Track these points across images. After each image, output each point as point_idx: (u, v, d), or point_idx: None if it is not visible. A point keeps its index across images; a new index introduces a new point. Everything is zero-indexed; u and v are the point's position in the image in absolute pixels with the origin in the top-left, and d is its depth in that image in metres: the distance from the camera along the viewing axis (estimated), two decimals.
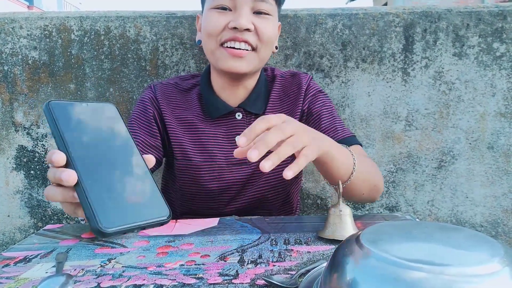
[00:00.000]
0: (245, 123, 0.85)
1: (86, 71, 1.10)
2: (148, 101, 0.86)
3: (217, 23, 0.76)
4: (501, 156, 1.12)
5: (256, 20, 0.77)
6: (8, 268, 0.55)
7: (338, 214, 0.62)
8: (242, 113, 0.85)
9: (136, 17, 1.08)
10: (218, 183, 0.84)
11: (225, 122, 0.85)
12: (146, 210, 0.43)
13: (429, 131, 1.12)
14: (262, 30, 0.77)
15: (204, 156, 0.84)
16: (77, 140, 0.43)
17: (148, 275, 0.51)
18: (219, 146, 0.85)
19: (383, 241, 0.39)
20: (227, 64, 0.77)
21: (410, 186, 1.15)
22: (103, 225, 0.39)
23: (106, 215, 0.40)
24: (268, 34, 0.78)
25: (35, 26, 1.08)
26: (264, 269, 0.52)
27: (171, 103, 0.87)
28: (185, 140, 0.85)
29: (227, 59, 0.77)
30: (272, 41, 0.80)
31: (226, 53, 0.76)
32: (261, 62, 0.81)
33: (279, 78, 0.90)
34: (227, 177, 0.85)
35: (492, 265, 0.33)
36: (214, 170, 0.84)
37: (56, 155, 0.41)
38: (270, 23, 0.78)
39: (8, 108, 1.12)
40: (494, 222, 1.15)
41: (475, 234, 0.40)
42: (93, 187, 0.41)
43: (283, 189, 0.89)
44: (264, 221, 0.72)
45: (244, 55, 0.76)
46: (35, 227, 1.17)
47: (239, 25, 0.74)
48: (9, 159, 1.14)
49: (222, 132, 0.85)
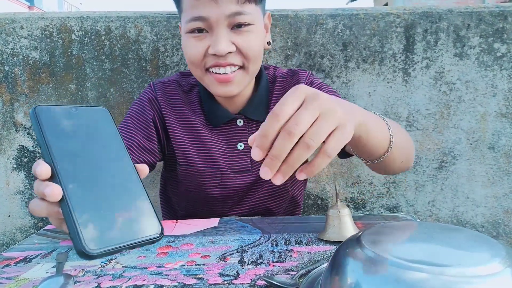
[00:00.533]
0: (246, 130, 0.83)
1: (87, 71, 1.10)
2: (147, 102, 0.82)
3: (196, 52, 0.71)
4: (502, 157, 1.12)
5: (236, 38, 0.71)
6: (8, 268, 0.55)
7: (337, 215, 0.61)
8: (243, 120, 0.82)
9: (137, 18, 1.08)
10: (221, 189, 0.83)
11: (226, 129, 0.83)
12: (136, 228, 0.40)
13: (430, 131, 1.12)
14: (246, 48, 0.71)
15: (207, 162, 0.82)
16: (64, 151, 0.40)
17: (148, 276, 0.51)
18: (221, 153, 0.83)
19: (383, 242, 0.39)
20: (218, 90, 0.74)
21: (411, 187, 1.15)
22: (89, 246, 0.36)
23: (92, 236, 0.36)
24: (253, 50, 0.72)
25: (36, 26, 1.08)
26: (264, 270, 0.52)
27: (173, 104, 0.83)
28: (188, 146, 0.82)
29: (216, 85, 0.73)
30: (258, 54, 0.75)
31: (213, 79, 0.73)
32: (252, 75, 0.77)
33: (280, 80, 0.86)
34: (230, 184, 0.83)
35: (493, 266, 0.33)
36: (217, 177, 0.82)
37: (40, 167, 0.38)
38: (253, 35, 0.72)
39: (9, 108, 1.12)
40: (495, 223, 1.15)
41: (476, 234, 0.40)
42: (79, 204, 0.38)
43: (287, 194, 0.88)
44: (264, 222, 0.72)
45: (232, 78, 0.72)
46: (35, 227, 1.17)
47: (218, 52, 0.69)
48: (10, 159, 1.14)
49: (224, 139, 0.83)
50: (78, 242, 0.35)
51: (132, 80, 1.10)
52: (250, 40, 0.72)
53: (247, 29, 0.71)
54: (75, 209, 0.37)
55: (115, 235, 0.38)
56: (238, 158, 0.83)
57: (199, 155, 0.82)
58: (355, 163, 1.15)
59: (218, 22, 0.69)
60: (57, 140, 0.40)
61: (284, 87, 0.86)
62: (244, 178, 0.83)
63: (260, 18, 0.75)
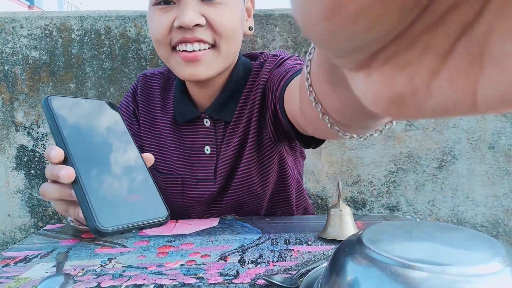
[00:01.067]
0: (213, 131, 0.72)
1: (87, 70, 1.10)
2: (131, 95, 0.79)
3: (161, 25, 0.62)
4: (502, 156, 1.12)
5: (207, 10, 0.61)
6: (8, 268, 0.55)
7: (338, 214, 0.62)
8: (209, 119, 0.72)
9: (137, 17, 1.08)
10: (183, 198, 0.76)
11: (194, 128, 0.73)
12: (144, 210, 0.42)
13: (430, 131, 1.12)
14: (217, 22, 0.61)
15: (168, 168, 0.75)
16: (75, 137, 0.42)
17: (148, 275, 0.51)
18: (184, 158, 0.74)
19: (384, 241, 0.39)
20: (184, 72, 0.64)
21: (411, 186, 1.15)
22: (102, 224, 0.38)
23: (104, 214, 0.38)
24: (226, 25, 0.62)
25: (36, 25, 1.08)
26: (264, 269, 0.52)
27: (148, 100, 0.77)
28: (153, 148, 0.76)
29: (182, 66, 0.63)
30: (234, 33, 0.64)
31: (179, 58, 0.63)
32: (226, 59, 0.65)
33: (254, 71, 0.72)
34: (191, 194, 0.75)
35: (493, 265, 0.33)
36: (178, 184, 0.75)
37: (54, 150, 0.39)
38: (227, 9, 0.62)
39: (9, 107, 1.12)
40: (495, 222, 1.15)
41: (476, 233, 0.40)
42: (91, 185, 0.40)
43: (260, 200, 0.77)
44: (264, 221, 0.72)
45: (200, 56, 0.62)
46: (35, 227, 1.17)
47: (183, 23, 0.59)
48: (10, 159, 1.14)
49: (190, 141, 0.74)
50: (92, 220, 0.38)
51: (131, 79, 1.10)
52: (222, 13, 0.62)
53: (220, 3, 0.62)
54: (88, 190, 0.39)
55: (125, 215, 0.40)
56: (203, 164, 0.73)
57: (162, 159, 0.76)
58: (355, 162, 1.15)
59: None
60: (69, 127, 0.42)
61: (254, 80, 0.71)
62: (207, 188, 0.74)
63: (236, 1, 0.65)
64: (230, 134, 0.71)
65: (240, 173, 0.72)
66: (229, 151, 0.71)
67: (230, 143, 0.71)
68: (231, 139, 0.71)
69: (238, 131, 0.71)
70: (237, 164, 0.72)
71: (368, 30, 0.12)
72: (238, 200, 0.75)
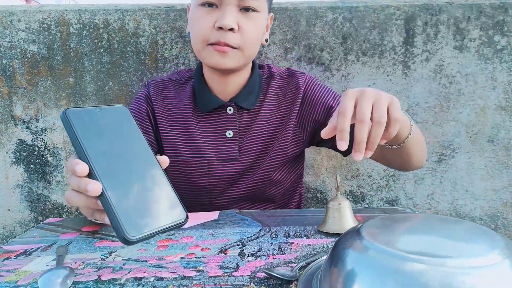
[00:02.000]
0: (236, 118, 0.84)
1: (85, 64, 1.10)
2: (142, 98, 0.88)
3: (204, 24, 0.76)
4: (501, 150, 1.12)
5: (242, 19, 0.76)
6: (8, 261, 0.55)
7: (337, 208, 0.62)
8: (233, 107, 0.84)
9: (135, 10, 1.08)
10: (208, 178, 0.84)
11: (216, 116, 0.85)
12: (165, 215, 0.44)
13: (429, 124, 1.12)
14: (247, 31, 0.76)
15: (193, 152, 0.84)
16: (96, 148, 0.44)
17: (148, 268, 0.52)
18: (209, 141, 0.85)
19: (383, 234, 0.39)
20: (212, 60, 0.77)
21: (410, 180, 1.15)
22: (129, 233, 0.40)
23: (130, 224, 0.41)
24: (251, 36, 0.77)
25: (34, 19, 1.08)
26: (264, 262, 0.52)
27: (164, 99, 0.88)
28: (176, 137, 0.85)
29: (212, 55, 0.77)
30: (256, 41, 0.79)
31: (212, 49, 0.76)
32: (247, 59, 0.80)
33: (277, 77, 0.89)
34: (217, 173, 0.84)
35: (492, 257, 0.33)
36: (204, 166, 0.84)
37: (80, 166, 0.42)
38: (256, 22, 0.77)
39: (7, 102, 1.11)
40: (493, 216, 1.15)
41: (475, 226, 0.41)
42: (116, 196, 0.42)
43: (281, 184, 0.88)
44: (264, 215, 0.72)
45: (227, 50, 0.76)
46: (35, 221, 1.17)
47: (223, 25, 0.73)
48: (9, 153, 1.14)
49: (212, 126, 0.85)
50: (121, 231, 0.40)
51: (130, 73, 1.10)
52: (252, 25, 0.77)
53: (253, 14, 0.77)
54: (114, 202, 0.41)
55: (148, 222, 0.42)
56: (226, 146, 0.84)
57: (186, 145, 0.85)
58: None
59: (230, 0, 0.74)
60: (89, 139, 0.44)
61: (282, 85, 0.89)
62: (232, 167, 0.84)
63: (265, 11, 0.80)
64: (252, 120, 0.85)
65: (264, 155, 0.85)
66: (251, 135, 0.85)
67: (251, 127, 0.85)
68: (253, 124, 0.85)
69: (258, 118, 0.85)
70: (261, 146, 0.85)
71: None
72: (259, 186, 0.86)
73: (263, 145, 0.85)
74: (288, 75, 0.89)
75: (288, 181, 0.90)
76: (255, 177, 0.85)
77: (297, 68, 1.09)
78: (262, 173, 0.85)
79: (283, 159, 0.86)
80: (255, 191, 0.86)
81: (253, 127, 0.85)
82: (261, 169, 0.85)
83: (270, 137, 0.85)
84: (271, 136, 0.85)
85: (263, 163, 0.85)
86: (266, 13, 0.82)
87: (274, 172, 0.86)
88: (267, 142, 0.85)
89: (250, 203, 0.88)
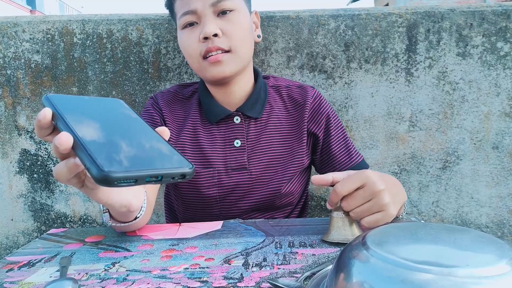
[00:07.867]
0: (243, 127, 0.85)
1: (89, 74, 1.10)
2: (151, 108, 0.88)
3: (191, 41, 0.79)
4: (506, 156, 1.12)
5: (222, 23, 0.78)
6: (12, 273, 0.55)
7: (341, 217, 0.61)
8: (240, 117, 0.85)
9: (138, 20, 1.08)
10: (218, 189, 0.84)
11: (223, 126, 0.85)
12: (161, 160, 0.37)
13: (433, 131, 1.12)
14: (231, 32, 0.78)
15: (202, 162, 0.84)
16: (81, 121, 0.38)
17: (152, 279, 0.51)
18: (217, 151, 0.85)
19: (389, 243, 0.39)
20: (211, 72, 0.79)
21: (415, 187, 1.15)
22: (107, 168, 0.32)
23: (109, 160, 0.33)
24: (237, 35, 0.79)
25: (38, 29, 1.09)
26: (269, 272, 0.52)
27: (172, 110, 0.89)
28: (184, 147, 0.85)
29: (209, 68, 0.79)
30: (244, 39, 0.81)
31: (207, 63, 0.79)
32: (242, 60, 0.81)
33: (284, 88, 0.91)
34: (227, 183, 0.84)
35: (501, 267, 0.33)
36: (213, 176, 0.84)
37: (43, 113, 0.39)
38: (237, 21, 0.79)
39: (11, 112, 1.12)
40: (499, 223, 1.14)
41: (482, 235, 0.40)
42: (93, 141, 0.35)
43: (292, 195, 0.88)
44: (268, 224, 0.72)
45: (220, 58, 0.78)
46: (38, 231, 1.17)
47: (205, 33, 0.76)
48: (12, 163, 1.14)
49: (220, 136, 0.85)
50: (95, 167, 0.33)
51: (134, 83, 1.10)
52: (234, 24, 0.79)
53: (231, 15, 0.79)
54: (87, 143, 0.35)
55: (137, 162, 0.35)
56: (234, 155, 0.84)
57: (195, 155, 0.85)
58: None
59: (204, 11, 0.78)
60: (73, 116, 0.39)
61: (290, 95, 0.90)
62: (241, 176, 0.84)
63: (244, 9, 0.82)
64: (260, 129, 0.86)
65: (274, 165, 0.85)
66: (259, 144, 0.85)
67: (260, 136, 0.86)
68: (262, 133, 0.86)
69: (267, 127, 0.86)
70: (271, 155, 0.86)
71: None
72: (270, 198, 0.85)
73: (272, 154, 0.85)
74: (297, 86, 0.91)
75: (298, 192, 0.90)
76: (267, 189, 0.85)
77: (300, 76, 1.09)
78: (274, 185, 0.85)
79: (298, 171, 0.87)
80: (265, 202, 0.85)
81: (262, 136, 0.86)
82: (274, 180, 0.85)
83: (280, 146, 0.86)
84: (281, 145, 0.86)
85: (276, 174, 0.85)
86: (246, 11, 0.83)
87: (287, 184, 0.85)
88: (277, 151, 0.86)
89: (259, 213, 0.88)
